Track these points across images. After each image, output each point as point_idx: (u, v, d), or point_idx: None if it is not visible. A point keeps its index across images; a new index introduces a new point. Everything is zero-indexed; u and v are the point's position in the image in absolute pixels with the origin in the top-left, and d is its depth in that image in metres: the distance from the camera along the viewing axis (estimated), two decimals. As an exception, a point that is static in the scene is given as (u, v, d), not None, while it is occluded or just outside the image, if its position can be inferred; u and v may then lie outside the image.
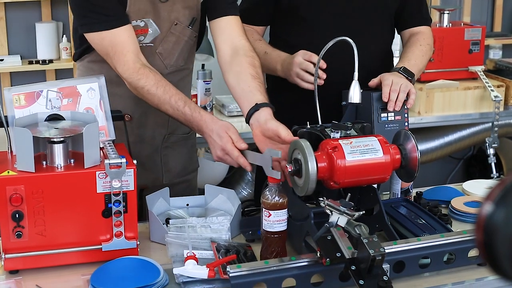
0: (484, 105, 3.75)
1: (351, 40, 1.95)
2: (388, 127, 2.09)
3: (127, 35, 2.02)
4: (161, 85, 2.00)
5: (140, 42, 2.10)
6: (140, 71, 2.00)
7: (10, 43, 3.88)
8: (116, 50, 2.01)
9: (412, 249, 1.75)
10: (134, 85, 2.02)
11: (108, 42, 2.02)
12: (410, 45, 2.37)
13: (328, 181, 1.77)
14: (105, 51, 2.05)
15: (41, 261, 1.76)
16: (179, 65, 2.22)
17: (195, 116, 1.97)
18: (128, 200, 1.78)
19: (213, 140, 1.93)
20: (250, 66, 2.03)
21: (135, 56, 2.02)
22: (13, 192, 1.69)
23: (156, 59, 2.15)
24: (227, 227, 1.94)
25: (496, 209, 0.88)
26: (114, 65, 2.04)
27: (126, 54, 2.01)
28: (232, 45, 2.10)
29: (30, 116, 1.84)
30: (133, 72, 2.00)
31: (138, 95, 2.05)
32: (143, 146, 2.24)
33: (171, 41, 2.16)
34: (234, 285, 1.60)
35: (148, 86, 1.99)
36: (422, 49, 2.36)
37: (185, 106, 1.98)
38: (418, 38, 2.39)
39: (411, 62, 2.29)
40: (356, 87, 2.00)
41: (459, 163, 4.71)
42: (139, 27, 2.09)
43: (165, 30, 2.13)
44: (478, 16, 4.68)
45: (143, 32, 2.10)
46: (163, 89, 1.99)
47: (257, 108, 1.90)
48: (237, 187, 4.02)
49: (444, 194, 2.27)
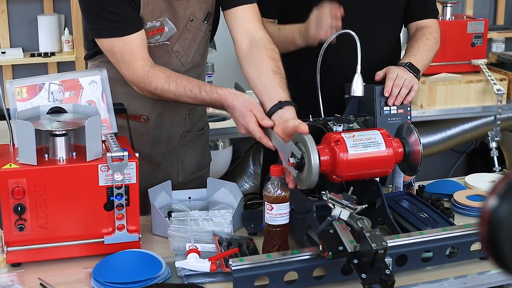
0: (486, 99, 3.74)
1: (353, 33, 1.95)
2: (391, 120, 2.08)
3: (137, 42, 1.98)
4: (172, 80, 1.97)
5: (156, 41, 2.06)
6: (150, 73, 1.97)
7: (12, 36, 3.87)
8: (125, 58, 1.98)
9: (415, 242, 1.75)
10: (147, 89, 1.99)
11: (118, 49, 1.99)
12: (416, 39, 2.35)
13: (330, 174, 1.77)
14: (115, 58, 2.01)
15: (43, 254, 1.76)
16: (195, 61, 2.18)
17: (213, 98, 1.93)
18: (130, 193, 1.77)
19: (236, 117, 1.89)
20: (271, 60, 1.97)
21: (144, 61, 1.98)
22: (15, 185, 1.69)
23: (173, 57, 2.11)
24: (229, 220, 1.94)
25: (500, 203, 0.87)
26: (122, 72, 2.02)
27: (135, 62, 1.97)
28: (250, 37, 2.05)
29: (32, 109, 1.84)
30: (143, 77, 1.97)
31: (154, 96, 2.03)
32: (159, 147, 2.22)
33: (187, 38, 2.11)
34: (236, 278, 1.60)
35: (160, 85, 1.96)
36: (428, 43, 2.33)
37: (201, 92, 1.94)
38: (424, 32, 2.37)
39: (417, 57, 2.27)
40: (359, 80, 2.00)
41: (461, 156, 4.70)
42: (155, 27, 2.04)
43: (181, 27, 2.08)
44: (481, 9, 4.66)
45: (159, 32, 2.06)
46: (175, 83, 1.96)
47: (281, 106, 1.85)
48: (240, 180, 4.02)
49: (446, 188, 2.27)
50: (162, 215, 1.93)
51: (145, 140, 2.10)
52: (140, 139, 2.01)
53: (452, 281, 1.76)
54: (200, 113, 2.32)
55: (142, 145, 2.02)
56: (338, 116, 1.86)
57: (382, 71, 2.13)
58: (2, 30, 3.83)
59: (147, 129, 2.15)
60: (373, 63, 2.16)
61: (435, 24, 2.42)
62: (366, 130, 1.81)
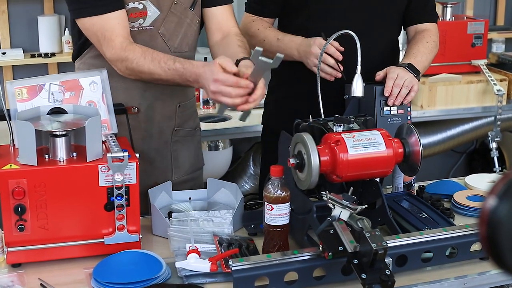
0: (486, 99, 3.74)
1: (353, 34, 1.95)
2: (391, 121, 2.08)
3: (117, 20, 1.99)
4: (149, 54, 1.97)
5: (140, 26, 2.07)
6: (127, 48, 1.97)
7: (12, 37, 3.88)
8: (105, 35, 1.98)
9: (415, 243, 1.75)
10: (124, 61, 1.98)
11: (98, 28, 1.99)
12: (416, 42, 2.35)
13: (330, 174, 1.77)
14: (96, 38, 2.02)
15: (44, 254, 1.76)
16: (183, 50, 2.18)
17: (187, 67, 1.92)
18: (131, 193, 1.78)
19: (206, 78, 1.84)
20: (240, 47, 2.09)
21: (123, 39, 1.99)
22: (16, 185, 1.69)
23: (159, 41, 2.11)
24: (230, 220, 1.94)
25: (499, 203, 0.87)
26: (103, 52, 2.01)
27: (114, 39, 1.98)
28: (224, 32, 2.16)
29: (33, 110, 1.84)
30: (120, 51, 1.97)
31: (129, 74, 2.01)
32: (152, 142, 2.22)
33: (173, 21, 2.13)
34: (236, 278, 1.60)
35: (136, 58, 1.96)
36: (428, 46, 2.33)
37: (175, 63, 1.94)
38: (424, 35, 2.37)
39: (417, 58, 2.27)
40: (359, 80, 2.00)
41: (461, 157, 4.71)
42: (137, 9, 2.05)
43: (165, 9, 2.10)
44: (481, 10, 4.66)
45: (142, 15, 2.07)
46: (150, 57, 1.96)
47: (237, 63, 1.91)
48: (240, 181, 4.03)
49: (446, 188, 2.27)
50: (162, 216, 1.93)
51: (138, 135, 2.10)
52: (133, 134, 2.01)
53: (452, 281, 1.76)
54: (191, 110, 2.32)
55: (135, 141, 2.02)
56: (338, 117, 1.86)
57: (383, 71, 2.13)
58: (3, 30, 3.83)
59: (138, 122, 2.15)
60: (372, 64, 2.16)
61: (434, 28, 2.42)
62: (366, 131, 1.81)
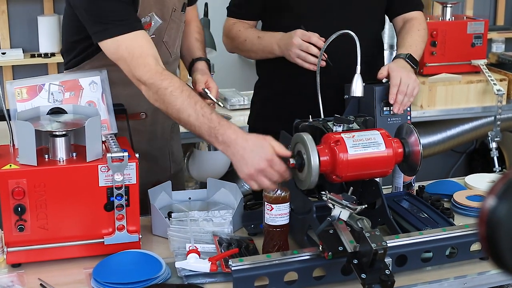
0: (486, 99, 3.74)
1: (353, 33, 1.95)
2: (391, 120, 2.08)
3: (145, 39, 1.92)
4: (186, 89, 1.85)
5: None
6: (164, 73, 1.87)
7: (12, 37, 3.87)
8: (134, 53, 1.89)
9: (414, 243, 1.75)
10: (157, 86, 1.85)
11: (124, 47, 1.89)
12: (408, 31, 2.32)
13: (330, 174, 1.77)
14: (121, 57, 1.91)
15: (44, 254, 1.76)
16: (177, 52, 2.22)
17: (222, 124, 1.77)
18: (130, 193, 1.78)
19: (249, 151, 1.72)
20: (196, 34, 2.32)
21: (156, 60, 1.90)
22: (15, 185, 1.69)
23: (162, 48, 2.11)
24: (229, 220, 1.94)
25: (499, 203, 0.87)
26: (131, 70, 1.89)
27: (146, 57, 1.88)
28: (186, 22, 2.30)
29: (32, 110, 1.84)
30: (155, 73, 1.87)
31: (155, 100, 1.88)
32: (156, 142, 2.23)
33: (173, 28, 2.15)
34: (236, 278, 1.60)
35: (172, 87, 1.84)
36: (420, 34, 2.31)
37: (212, 113, 1.79)
38: (413, 23, 2.34)
39: (413, 48, 2.24)
40: (358, 80, 2.00)
41: (461, 157, 4.70)
42: (146, 23, 2.05)
43: (167, 18, 2.11)
44: (481, 10, 4.66)
45: (148, 27, 2.06)
46: (188, 93, 1.83)
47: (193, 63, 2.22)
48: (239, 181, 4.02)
49: (446, 188, 2.27)
50: (162, 216, 1.93)
51: (143, 137, 2.11)
52: (138, 137, 2.00)
53: (452, 281, 1.76)
54: None
55: (140, 143, 2.02)
56: (338, 117, 1.86)
57: (385, 70, 2.10)
58: (2, 30, 3.83)
59: (145, 126, 2.16)
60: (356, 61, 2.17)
61: (421, 16, 2.39)
62: (366, 131, 1.81)
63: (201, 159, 3.70)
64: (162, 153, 2.27)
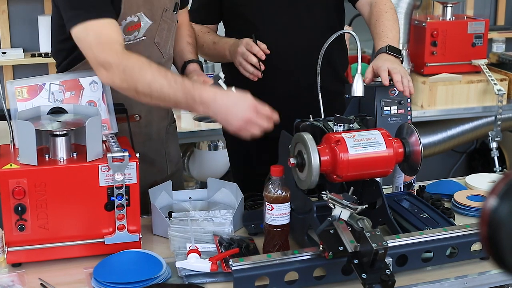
0: (487, 99, 3.74)
1: (354, 34, 1.95)
2: (391, 120, 2.08)
3: (114, 28, 1.88)
4: (155, 64, 1.85)
5: (135, 38, 2.04)
6: (130, 53, 1.85)
7: (12, 36, 3.87)
8: (101, 39, 1.85)
9: (415, 243, 1.75)
10: (124, 64, 1.81)
11: (92, 33, 1.85)
12: (378, 17, 2.21)
13: (331, 174, 1.77)
14: (88, 44, 1.86)
15: (44, 254, 1.76)
16: (170, 53, 2.20)
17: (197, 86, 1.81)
18: (131, 193, 1.78)
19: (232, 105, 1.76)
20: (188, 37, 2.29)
21: (123, 48, 1.86)
22: (16, 185, 1.69)
23: (154, 50, 2.10)
24: (230, 220, 1.94)
25: (500, 203, 0.88)
26: (95, 55, 1.84)
27: (112, 44, 1.85)
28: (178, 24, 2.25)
29: (33, 109, 1.84)
30: (122, 54, 1.83)
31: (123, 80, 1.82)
32: (151, 143, 2.22)
33: (164, 29, 2.13)
34: (236, 278, 1.60)
35: (140, 63, 1.82)
36: (390, 18, 2.20)
37: (184, 80, 1.84)
38: (379, 6, 2.23)
39: (389, 36, 2.13)
40: (359, 80, 1.99)
41: (462, 156, 4.70)
42: (133, 22, 2.01)
43: (157, 19, 2.08)
44: (481, 10, 4.66)
45: (137, 27, 2.04)
46: (157, 67, 1.83)
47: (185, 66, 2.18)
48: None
49: (446, 188, 2.27)
50: (163, 215, 1.93)
51: (139, 139, 2.10)
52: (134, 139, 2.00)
53: (453, 281, 1.76)
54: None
55: (137, 145, 2.02)
56: (339, 116, 1.86)
57: (369, 71, 2.02)
58: (3, 30, 3.83)
59: (139, 128, 2.15)
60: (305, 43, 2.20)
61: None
62: (366, 130, 1.81)
63: (201, 159, 3.71)
64: (158, 154, 2.25)
